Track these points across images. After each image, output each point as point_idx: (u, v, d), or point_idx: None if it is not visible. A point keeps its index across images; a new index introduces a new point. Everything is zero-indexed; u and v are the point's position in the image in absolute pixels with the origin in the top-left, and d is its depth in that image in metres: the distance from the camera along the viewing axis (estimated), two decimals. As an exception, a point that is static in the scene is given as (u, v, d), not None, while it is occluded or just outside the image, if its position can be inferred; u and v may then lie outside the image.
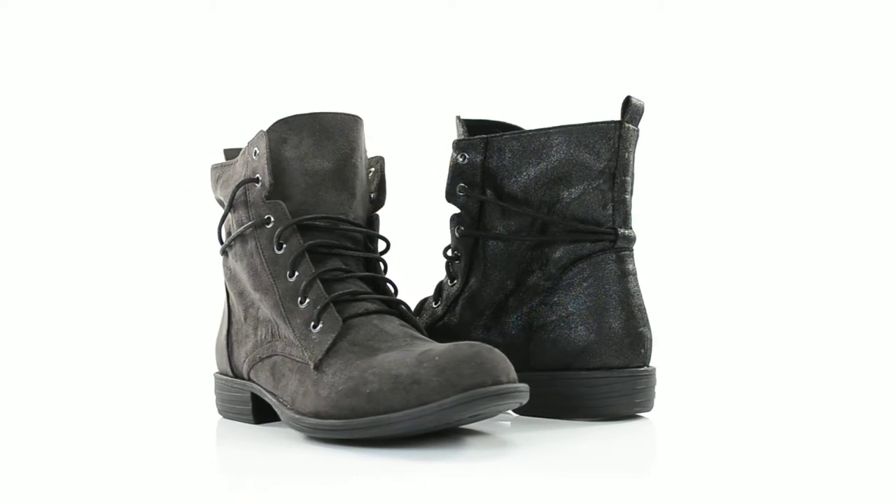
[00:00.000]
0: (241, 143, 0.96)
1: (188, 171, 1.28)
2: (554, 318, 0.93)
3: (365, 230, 0.90)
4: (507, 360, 0.79)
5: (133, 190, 1.54)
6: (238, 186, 0.89)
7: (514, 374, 0.78)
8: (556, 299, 0.93)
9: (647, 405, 0.94)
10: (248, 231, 0.89)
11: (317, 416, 0.81)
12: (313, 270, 0.85)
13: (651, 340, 0.95)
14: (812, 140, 1.60)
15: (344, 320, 0.83)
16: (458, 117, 0.99)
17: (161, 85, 1.53)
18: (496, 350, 0.78)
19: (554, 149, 0.94)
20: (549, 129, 0.94)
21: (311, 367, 0.83)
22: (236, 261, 0.91)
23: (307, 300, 0.85)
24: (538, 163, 0.94)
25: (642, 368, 0.94)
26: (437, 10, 1.57)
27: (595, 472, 0.72)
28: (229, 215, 0.92)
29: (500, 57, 1.55)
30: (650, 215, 1.11)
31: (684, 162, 1.57)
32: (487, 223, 0.97)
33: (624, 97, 0.95)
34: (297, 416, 0.83)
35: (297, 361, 0.84)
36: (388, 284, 0.90)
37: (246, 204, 0.89)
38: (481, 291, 0.97)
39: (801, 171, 1.59)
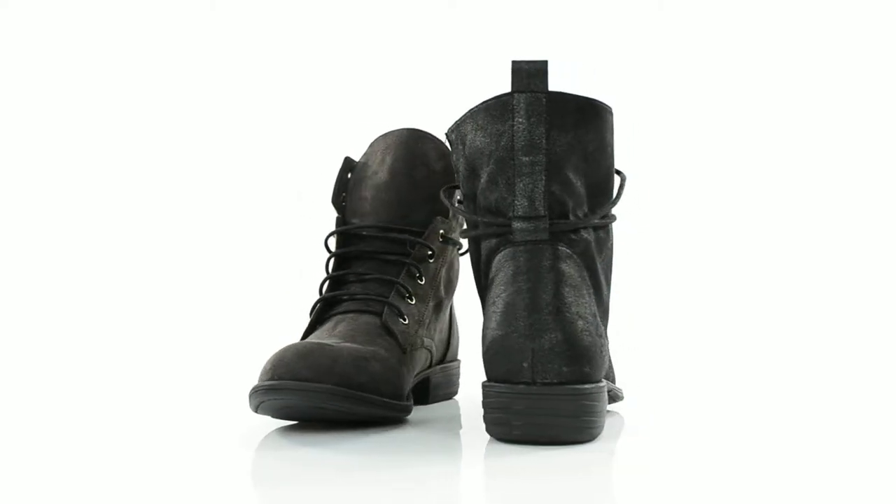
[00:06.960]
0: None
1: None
2: (483, 320, 0.85)
3: (401, 236, 0.95)
4: (301, 361, 0.83)
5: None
6: (333, 202, 1.01)
7: (290, 374, 0.82)
8: (484, 300, 0.86)
9: (537, 432, 0.79)
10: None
11: None
12: (329, 273, 0.97)
13: (552, 352, 0.79)
14: (802, 139, 1.56)
15: (324, 318, 0.94)
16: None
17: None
18: (302, 349, 0.84)
19: (466, 137, 0.86)
20: (464, 116, 0.86)
21: None
22: None
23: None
24: (462, 155, 0.87)
25: (521, 386, 0.79)
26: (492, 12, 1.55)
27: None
28: None
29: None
30: (635, 210, 1.04)
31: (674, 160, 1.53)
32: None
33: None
34: None
35: None
36: (401, 287, 0.94)
37: None
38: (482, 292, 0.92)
39: (799, 174, 1.55)
